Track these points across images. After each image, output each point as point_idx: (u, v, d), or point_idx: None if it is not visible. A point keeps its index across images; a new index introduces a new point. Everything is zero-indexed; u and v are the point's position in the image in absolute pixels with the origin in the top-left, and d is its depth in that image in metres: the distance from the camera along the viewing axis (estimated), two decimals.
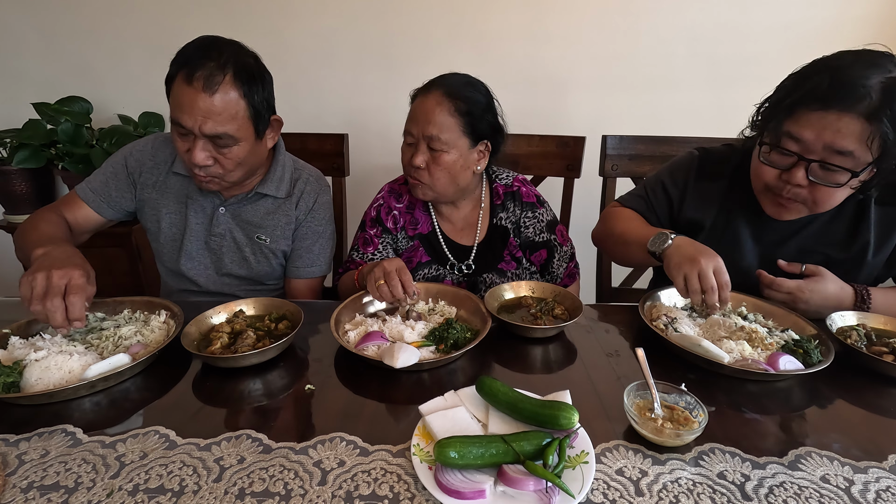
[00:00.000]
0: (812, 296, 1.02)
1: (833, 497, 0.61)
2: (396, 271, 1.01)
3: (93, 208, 1.21)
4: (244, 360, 0.83)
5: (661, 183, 1.23)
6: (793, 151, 0.94)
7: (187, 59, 1.02)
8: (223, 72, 1.02)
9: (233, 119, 1.05)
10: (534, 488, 0.58)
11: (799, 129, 0.91)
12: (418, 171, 1.18)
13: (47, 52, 2.07)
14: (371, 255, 1.29)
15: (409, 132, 1.20)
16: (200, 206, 1.23)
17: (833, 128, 0.88)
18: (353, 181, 1.81)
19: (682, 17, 1.95)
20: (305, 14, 1.99)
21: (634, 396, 0.73)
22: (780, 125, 0.95)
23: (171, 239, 1.25)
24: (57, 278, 0.83)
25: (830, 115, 0.88)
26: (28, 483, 0.61)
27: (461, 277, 1.32)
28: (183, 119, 1.02)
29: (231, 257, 1.26)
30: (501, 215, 1.32)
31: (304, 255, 1.29)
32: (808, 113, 0.90)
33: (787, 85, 0.98)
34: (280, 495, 0.60)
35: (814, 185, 0.94)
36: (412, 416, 0.73)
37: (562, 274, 1.36)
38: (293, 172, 1.28)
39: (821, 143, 0.90)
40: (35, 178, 1.97)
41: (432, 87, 1.17)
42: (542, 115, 2.10)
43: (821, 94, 0.89)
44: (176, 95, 1.03)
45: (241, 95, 1.05)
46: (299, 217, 1.27)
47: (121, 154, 1.24)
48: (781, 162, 0.97)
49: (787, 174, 0.96)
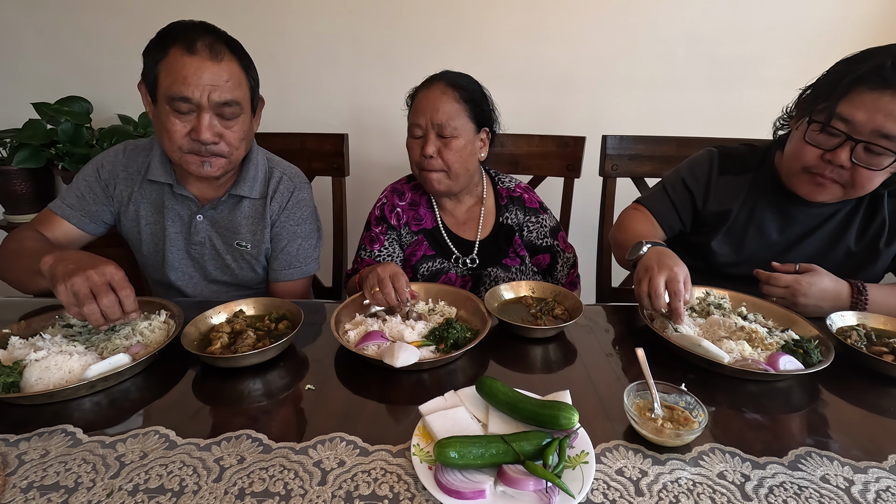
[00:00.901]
0: (810, 289, 1.02)
1: (833, 497, 0.61)
2: (390, 277, 1.01)
3: (73, 224, 1.16)
4: (244, 360, 0.83)
5: (682, 180, 1.24)
6: (841, 131, 0.94)
7: (178, 35, 0.99)
8: (222, 43, 1.02)
9: (239, 87, 1.04)
10: (534, 488, 0.58)
11: (852, 110, 0.92)
12: (431, 160, 1.20)
13: (47, 52, 2.07)
14: (378, 253, 1.30)
15: (416, 125, 1.21)
16: (177, 213, 1.19)
17: (886, 110, 0.89)
18: (353, 181, 1.81)
19: (682, 17, 1.95)
20: (305, 14, 1.99)
21: (634, 396, 0.73)
22: (833, 105, 0.95)
23: (152, 250, 1.22)
24: (97, 276, 0.83)
25: (886, 97, 0.89)
26: (28, 483, 0.61)
27: (465, 271, 1.33)
28: (188, 91, 0.98)
29: (214, 265, 1.23)
30: (507, 214, 1.35)
31: (280, 257, 1.24)
32: (865, 93, 0.91)
33: (839, 68, 0.98)
34: (280, 495, 0.60)
35: (855, 167, 0.95)
36: (412, 416, 0.73)
37: (563, 280, 1.38)
38: (266, 171, 1.23)
39: (871, 125, 0.91)
40: (35, 178, 1.97)
41: (433, 81, 1.22)
42: (542, 115, 2.11)
43: (884, 74, 0.89)
44: (175, 69, 0.99)
45: (240, 67, 1.05)
46: (273, 216, 1.22)
47: (91, 166, 1.19)
48: (827, 143, 0.97)
49: (832, 154, 0.96)
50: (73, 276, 0.82)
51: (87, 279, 0.82)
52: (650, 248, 1.02)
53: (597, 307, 1.14)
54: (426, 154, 1.19)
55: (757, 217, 1.16)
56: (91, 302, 0.82)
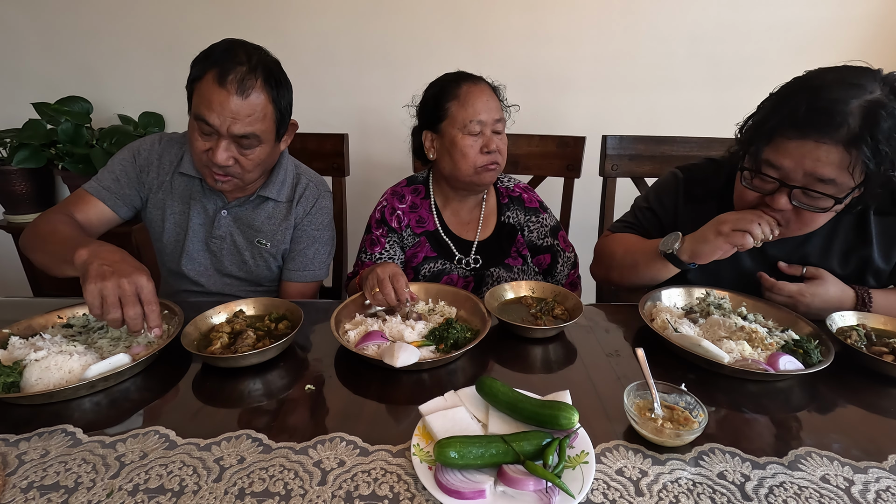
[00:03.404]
0: (813, 299, 1.01)
1: (833, 497, 0.61)
2: (390, 278, 1.01)
3: (109, 206, 1.19)
4: (244, 360, 0.83)
5: (650, 208, 1.23)
6: (774, 178, 0.91)
7: (217, 61, 1.03)
8: (255, 75, 1.04)
9: (261, 120, 1.07)
10: (534, 488, 0.58)
11: (778, 158, 0.89)
12: (496, 154, 1.22)
13: (47, 52, 2.07)
14: (379, 255, 1.31)
15: (477, 121, 1.19)
16: (203, 206, 1.23)
17: (812, 156, 0.85)
18: (353, 181, 1.81)
19: (682, 17, 1.95)
20: (306, 14, 1.99)
21: (634, 396, 0.73)
22: (759, 151, 0.92)
23: (173, 239, 1.25)
24: (128, 285, 0.83)
25: (808, 144, 0.85)
26: (28, 483, 0.61)
27: (468, 272, 1.33)
28: (211, 118, 1.03)
29: (231, 259, 1.27)
30: (508, 214, 1.35)
31: (296, 258, 1.28)
32: (786, 141, 0.87)
33: (765, 107, 0.95)
34: (280, 495, 0.60)
35: (797, 209, 0.92)
36: (412, 416, 0.73)
37: (564, 280, 1.38)
38: (294, 177, 1.28)
39: (801, 170, 0.87)
40: (35, 178, 1.97)
41: (477, 79, 1.25)
42: (542, 115, 2.10)
43: (798, 121, 0.85)
44: (204, 94, 1.03)
45: (269, 99, 1.07)
46: (297, 219, 1.27)
47: (128, 151, 1.23)
48: (763, 187, 0.94)
49: (770, 198, 0.93)
50: (105, 280, 0.82)
51: (119, 286, 0.82)
52: (683, 237, 1.01)
53: (597, 307, 1.14)
54: (492, 150, 1.21)
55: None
56: (117, 310, 0.82)
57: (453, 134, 1.21)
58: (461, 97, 1.20)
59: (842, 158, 0.83)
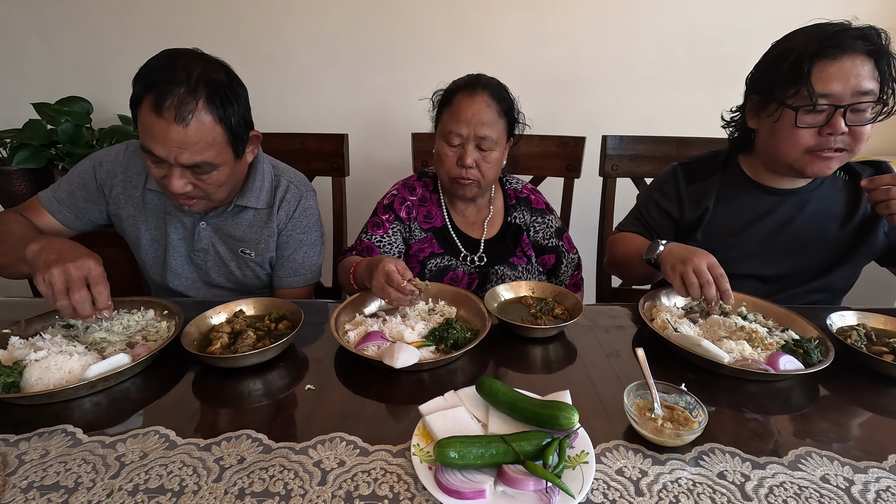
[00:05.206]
0: None
1: (833, 497, 0.61)
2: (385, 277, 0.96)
3: (58, 220, 1.13)
4: (244, 360, 0.83)
5: (654, 201, 1.27)
6: (826, 104, 0.99)
7: (153, 82, 0.92)
8: (194, 97, 0.93)
9: (210, 146, 0.97)
10: (534, 488, 0.58)
11: (826, 85, 0.97)
12: (469, 170, 1.20)
13: (47, 52, 2.07)
14: (380, 239, 1.29)
15: (455, 133, 1.18)
16: (180, 221, 1.17)
17: (855, 73, 0.96)
18: (353, 181, 1.81)
19: (682, 17, 1.95)
20: (305, 14, 1.99)
21: (634, 396, 0.73)
22: (808, 85, 0.98)
23: (153, 256, 1.20)
24: (74, 270, 0.82)
25: (846, 62, 0.96)
26: (28, 483, 0.61)
27: (473, 269, 1.33)
28: (156, 149, 0.94)
29: (217, 271, 1.22)
30: (515, 214, 1.36)
31: (286, 265, 1.24)
32: (829, 64, 0.97)
33: (784, 53, 1.03)
34: (280, 495, 0.60)
35: (850, 129, 1.00)
36: (412, 416, 0.73)
37: (567, 281, 1.38)
38: (272, 180, 1.21)
39: (849, 90, 0.96)
40: (35, 178, 1.96)
41: (477, 88, 1.19)
42: (542, 115, 2.10)
43: (835, 41, 0.96)
44: (144, 123, 0.94)
45: (216, 120, 0.96)
46: (280, 225, 1.21)
47: (89, 163, 1.15)
48: (817, 119, 1.01)
49: (829, 126, 1.00)
50: (51, 268, 0.81)
51: (65, 272, 0.82)
52: (667, 244, 1.03)
53: (597, 307, 1.14)
54: (465, 164, 1.18)
55: (733, 208, 1.19)
56: (64, 297, 0.81)
57: (438, 140, 1.23)
58: (452, 105, 1.20)
59: (872, 70, 0.97)
